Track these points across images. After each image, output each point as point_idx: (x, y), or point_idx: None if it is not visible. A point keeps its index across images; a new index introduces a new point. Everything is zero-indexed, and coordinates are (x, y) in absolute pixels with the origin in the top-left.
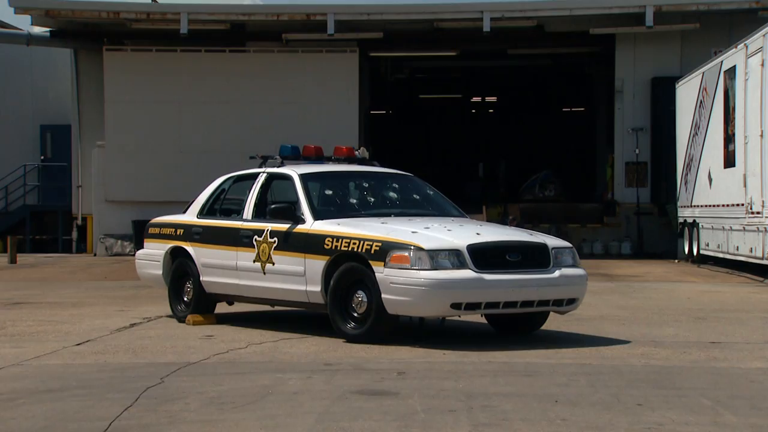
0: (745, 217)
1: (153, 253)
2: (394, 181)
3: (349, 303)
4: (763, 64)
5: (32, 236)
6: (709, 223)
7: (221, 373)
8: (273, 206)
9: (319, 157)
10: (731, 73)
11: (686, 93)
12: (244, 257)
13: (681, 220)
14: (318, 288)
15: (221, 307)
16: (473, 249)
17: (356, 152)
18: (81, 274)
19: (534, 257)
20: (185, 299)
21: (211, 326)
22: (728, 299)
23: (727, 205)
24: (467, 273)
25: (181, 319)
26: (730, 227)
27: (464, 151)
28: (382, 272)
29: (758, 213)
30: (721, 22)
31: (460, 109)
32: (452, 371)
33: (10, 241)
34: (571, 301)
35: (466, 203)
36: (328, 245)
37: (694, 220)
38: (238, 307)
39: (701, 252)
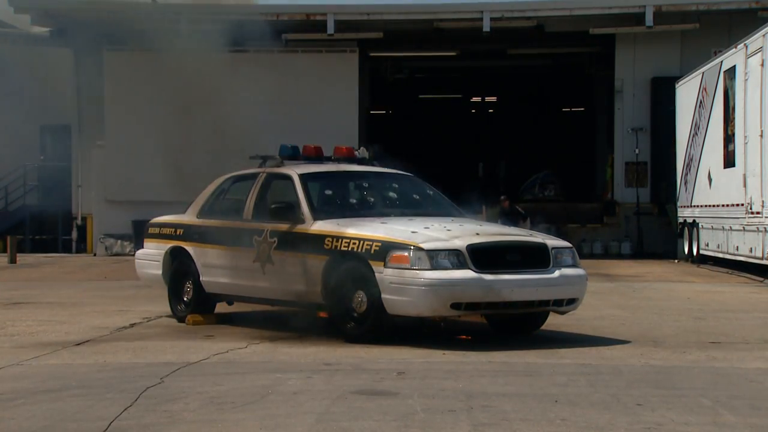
0: (744, 217)
1: (153, 253)
2: (393, 181)
3: (349, 303)
4: (762, 64)
5: (32, 236)
6: (709, 223)
7: (221, 373)
8: (273, 206)
9: (319, 157)
10: (731, 73)
11: (686, 93)
12: (244, 257)
13: (681, 220)
14: (318, 288)
15: (221, 307)
16: (473, 249)
17: (356, 152)
18: (81, 274)
19: (534, 257)
20: (185, 299)
21: (211, 326)
22: (728, 299)
23: (727, 205)
24: (467, 273)
25: (181, 319)
26: (730, 227)
27: (464, 151)
28: (381, 272)
29: (758, 213)
30: (721, 22)
31: (460, 109)
32: (452, 371)
33: (10, 241)
34: (571, 301)
35: (465, 203)
36: (327, 245)
37: (694, 220)
38: (238, 307)
39: (701, 252)
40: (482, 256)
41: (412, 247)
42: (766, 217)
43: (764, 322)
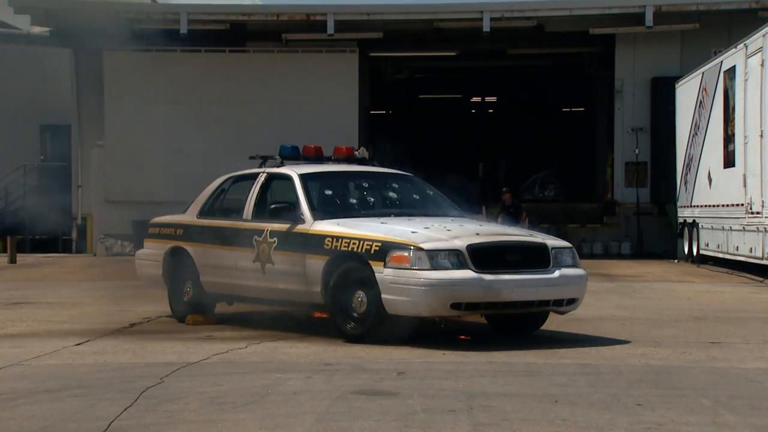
0: (744, 217)
1: (153, 253)
2: (393, 181)
3: (349, 303)
4: (762, 64)
5: (32, 236)
6: (709, 223)
7: (221, 373)
8: (273, 206)
9: (319, 157)
10: (731, 73)
11: (686, 93)
12: (244, 257)
13: (681, 220)
14: (318, 288)
15: (221, 307)
16: (473, 249)
17: (356, 152)
18: (81, 274)
19: (534, 257)
20: (185, 299)
21: (211, 326)
22: (728, 299)
23: (727, 205)
24: (467, 273)
25: (181, 319)
26: (730, 227)
27: (464, 151)
28: (381, 272)
29: (758, 213)
30: (721, 22)
31: (460, 109)
32: (452, 371)
33: (10, 241)
34: (571, 301)
35: (465, 203)
36: (327, 245)
37: (694, 220)
38: (238, 307)
39: (701, 252)
40: (482, 256)
41: (412, 247)
42: (766, 217)
43: (764, 322)
